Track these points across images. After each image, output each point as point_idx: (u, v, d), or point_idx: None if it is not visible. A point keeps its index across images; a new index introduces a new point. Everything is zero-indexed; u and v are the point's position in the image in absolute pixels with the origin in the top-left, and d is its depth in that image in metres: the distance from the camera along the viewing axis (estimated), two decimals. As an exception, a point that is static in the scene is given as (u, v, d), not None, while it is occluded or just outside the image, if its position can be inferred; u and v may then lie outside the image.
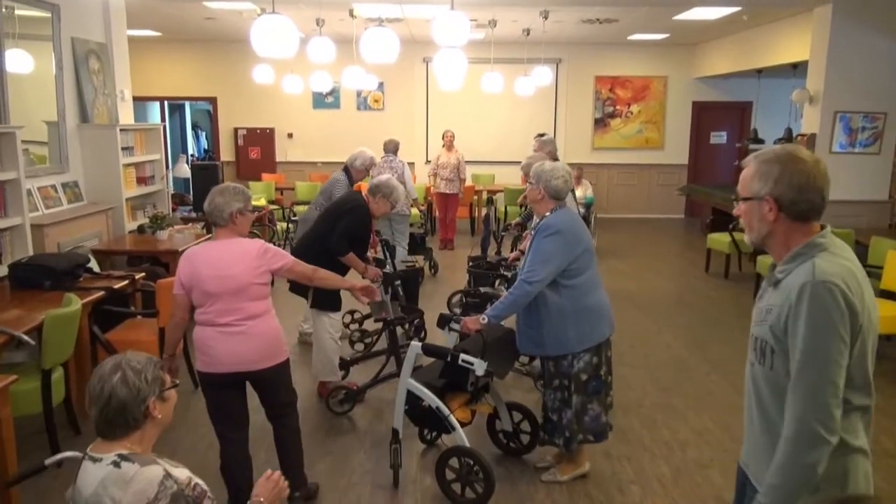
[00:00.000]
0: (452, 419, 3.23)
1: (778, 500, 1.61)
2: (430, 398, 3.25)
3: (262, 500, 1.89)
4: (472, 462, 3.23)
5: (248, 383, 3.02)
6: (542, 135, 7.69)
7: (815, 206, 1.66)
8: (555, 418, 3.37)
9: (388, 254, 5.59)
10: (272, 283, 3.19)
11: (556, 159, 4.58)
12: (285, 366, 3.08)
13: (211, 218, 2.92)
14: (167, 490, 1.68)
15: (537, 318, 3.26)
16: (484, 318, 3.24)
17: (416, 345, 3.32)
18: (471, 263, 5.38)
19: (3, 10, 4.96)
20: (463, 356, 3.17)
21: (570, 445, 3.36)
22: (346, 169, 5.57)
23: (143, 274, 4.82)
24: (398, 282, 4.87)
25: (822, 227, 1.70)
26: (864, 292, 1.62)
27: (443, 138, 9.56)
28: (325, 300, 4.34)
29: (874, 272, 5.79)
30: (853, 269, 1.63)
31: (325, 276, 3.24)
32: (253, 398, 3.10)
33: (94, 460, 1.69)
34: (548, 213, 3.29)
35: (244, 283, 2.85)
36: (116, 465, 1.67)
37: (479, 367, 3.14)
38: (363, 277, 4.35)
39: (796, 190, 1.65)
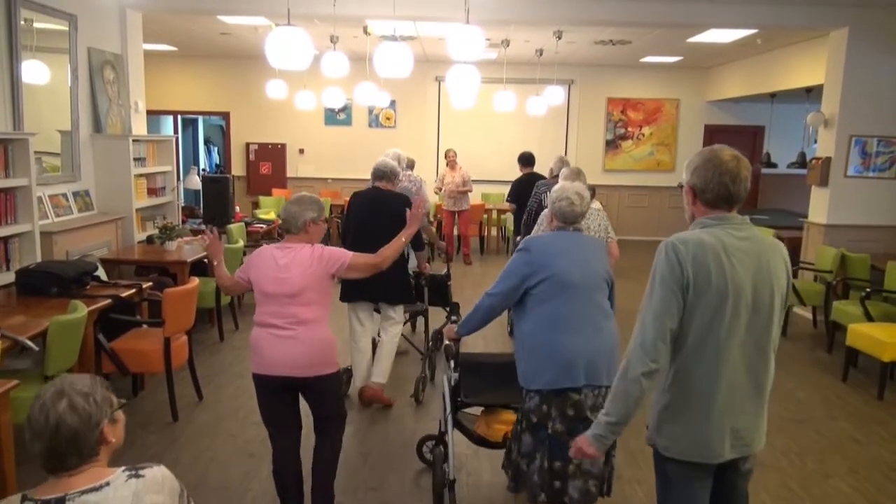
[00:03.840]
0: (450, 419, 3.17)
1: (615, 407, 2.00)
2: (447, 397, 3.20)
3: None
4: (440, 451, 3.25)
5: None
6: (525, 156, 7.72)
7: (720, 196, 1.99)
8: (512, 447, 3.00)
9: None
10: None
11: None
12: (333, 378, 3.05)
13: (285, 225, 3.01)
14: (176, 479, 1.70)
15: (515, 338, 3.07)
16: (457, 329, 3.14)
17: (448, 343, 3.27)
18: None
19: (23, 22, 5.00)
20: (453, 362, 3.15)
21: (516, 483, 2.93)
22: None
23: (150, 283, 4.79)
24: (425, 286, 5.08)
25: (736, 215, 2.02)
26: (712, 262, 1.92)
27: (446, 157, 9.57)
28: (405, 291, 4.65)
29: (891, 297, 5.70)
30: (708, 240, 1.95)
31: (389, 251, 3.15)
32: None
33: (94, 490, 1.54)
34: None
35: (300, 287, 2.90)
36: (137, 476, 1.60)
37: (453, 377, 3.12)
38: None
39: (704, 181, 2.00)
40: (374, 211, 4.51)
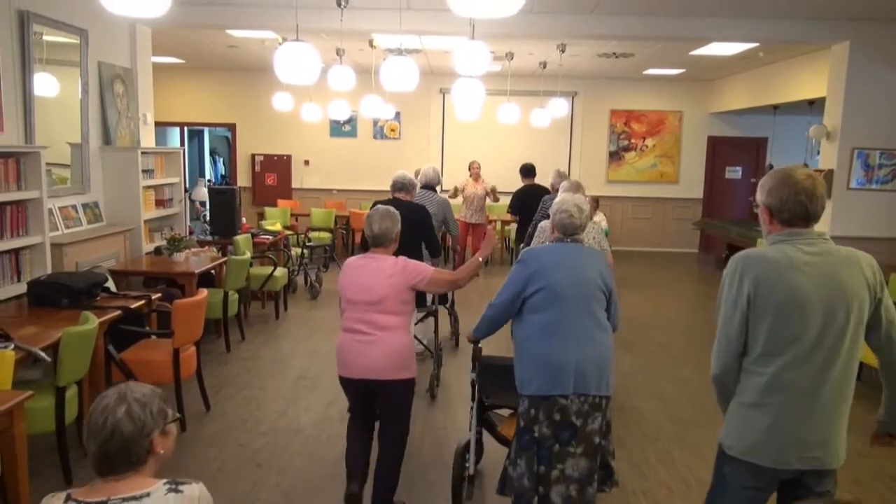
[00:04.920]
0: (475, 417, 3.32)
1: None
2: (476, 395, 3.35)
3: None
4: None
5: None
6: (526, 167, 7.83)
7: (797, 214, 2.05)
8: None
9: None
10: None
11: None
12: (408, 384, 3.18)
13: (378, 240, 3.18)
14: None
15: None
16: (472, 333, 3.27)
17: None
18: None
19: (33, 35, 5.08)
20: (477, 361, 3.33)
21: (502, 486, 3.02)
22: (429, 187, 5.88)
23: (159, 294, 4.84)
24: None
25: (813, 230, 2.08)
26: (774, 276, 2.00)
27: (469, 169, 9.62)
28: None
29: (894, 309, 5.72)
30: (773, 256, 2.03)
31: (466, 271, 3.30)
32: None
33: (134, 499, 1.60)
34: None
35: (381, 295, 3.07)
36: (175, 490, 1.64)
37: (471, 376, 3.32)
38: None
39: (780, 201, 2.05)
40: None
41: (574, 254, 3.02)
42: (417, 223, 4.76)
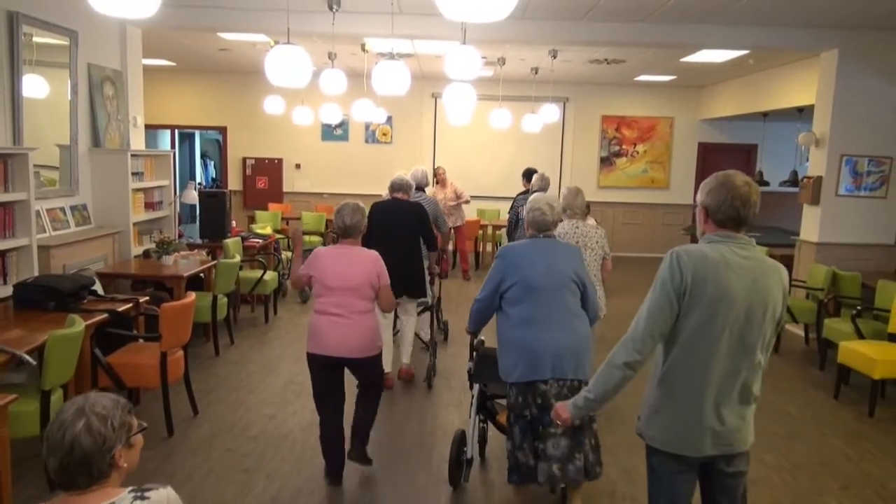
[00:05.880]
0: (475, 406, 3.54)
1: (595, 386, 2.26)
2: (473, 384, 3.60)
3: None
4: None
5: (346, 370, 3.61)
6: (528, 171, 7.88)
7: (730, 217, 2.15)
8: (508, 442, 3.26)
9: None
10: None
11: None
12: (378, 358, 3.64)
13: (350, 232, 3.54)
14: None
15: None
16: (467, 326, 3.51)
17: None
18: None
19: (22, 37, 5.05)
20: (476, 352, 3.56)
21: (511, 476, 3.19)
22: (418, 188, 5.99)
23: (146, 298, 4.80)
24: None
25: (745, 234, 2.18)
26: (710, 273, 2.09)
27: (435, 176, 9.62)
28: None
29: (882, 315, 5.75)
30: (710, 255, 2.11)
31: (390, 300, 3.71)
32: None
33: None
34: None
35: (359, 283, 3.44)
36: (142, 497, 1.60)
37: (468, 365, 3.61)
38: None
39: (717, 203, 2.14)
40: (392, 219, 5.06)
41: (547, 248, 3.22)
42: (417, 220, 5.14)
